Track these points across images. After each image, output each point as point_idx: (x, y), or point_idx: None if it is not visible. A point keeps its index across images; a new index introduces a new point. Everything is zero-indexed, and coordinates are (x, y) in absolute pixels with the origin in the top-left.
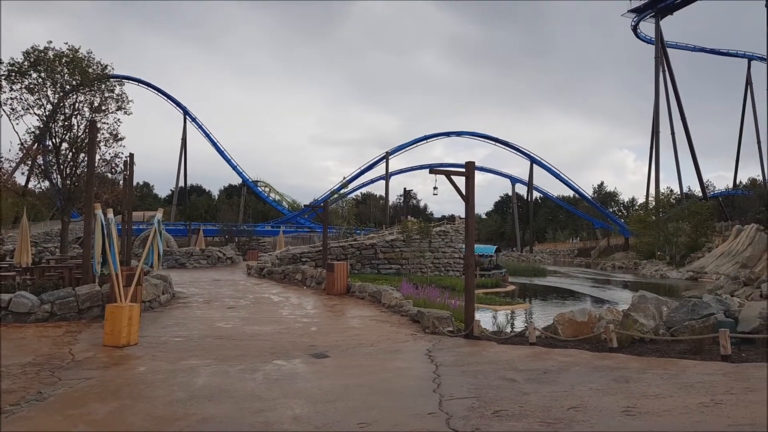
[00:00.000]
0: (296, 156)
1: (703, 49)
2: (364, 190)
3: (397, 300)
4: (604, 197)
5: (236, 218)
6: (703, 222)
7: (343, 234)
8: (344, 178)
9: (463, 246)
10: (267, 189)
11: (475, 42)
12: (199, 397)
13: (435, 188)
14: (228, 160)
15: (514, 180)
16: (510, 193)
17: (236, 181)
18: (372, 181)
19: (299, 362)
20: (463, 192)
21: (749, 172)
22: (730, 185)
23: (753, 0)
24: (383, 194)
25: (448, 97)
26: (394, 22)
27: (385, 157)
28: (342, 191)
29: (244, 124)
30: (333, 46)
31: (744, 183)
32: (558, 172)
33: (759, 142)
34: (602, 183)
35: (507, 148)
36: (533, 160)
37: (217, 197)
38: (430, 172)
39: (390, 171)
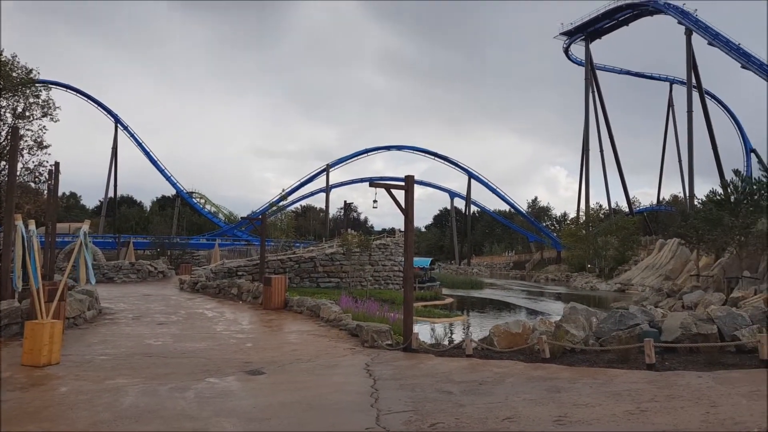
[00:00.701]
0: (234, 168)
1: (629, 72)
2: (304, 202)
3: (335, 314)
4: (538, 212)
5: (169, 231)
6: (630, 236)
7: (282, 247)
8: (283, 190)
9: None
10: (202, 200)
11: (413, 58)
12: (126, 417)
13: (375, 201)
14: (161, 171)
15: (452, 194)
16: (449, 207)
17: (170, 192)
18: (312, 194)
19: (233, 380)
20: (403, 205)
21: (671, 189)
22: (655, 201)
23: (680, 26)
24: (324, 207)
25: (389, 112)
26: (332, 36)
27: (326, 170)
28: (281, 203)
29: (180, 134)
30: (271, 58)
31: (667, 199)
32: (494, 187)
33: (680, 161)
34: (536, 198)
35: (446, 162)
36: (471, 175)
37: (149, 209)
38: (370, 185)
39: (330, 183)
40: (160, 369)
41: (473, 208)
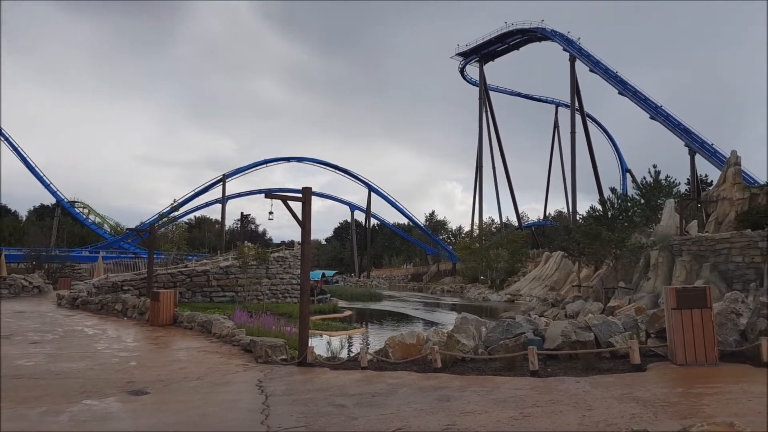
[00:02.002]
0: (122, 176)
1: (519, 94)
2: (198, 213)
3: (228, 329)
4: (436, 225)
5: (48, 242)
6: (519, 249)
7: (173, 260)
8: (174, 200)
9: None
10: (86, 210)
11: (314, 71)
12: None
13: (270, 213)
14: (40, 178)
15: (353, 207)
16: (349, 220)
17: (49, 200)
18: (207, 205)
19: (114, 401)
20: (300, 217)
21: (557, 204)
22: (542, 216)
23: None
24: (220, 218)
25: (289, 124)
26: (229, 45)
27: (222, 180)
28: (172, 214)
29: (63, 141)
30: (162, 63)
31: (552, 214)
32: (394, 201)
33: (564, 179)
34: (434, 212)
35: (347, 175)
36: (371, 189)
37: (25, 218)
38: (266, 197)
39: (227, 194)
40: (32, 391)
41: (373, 221)
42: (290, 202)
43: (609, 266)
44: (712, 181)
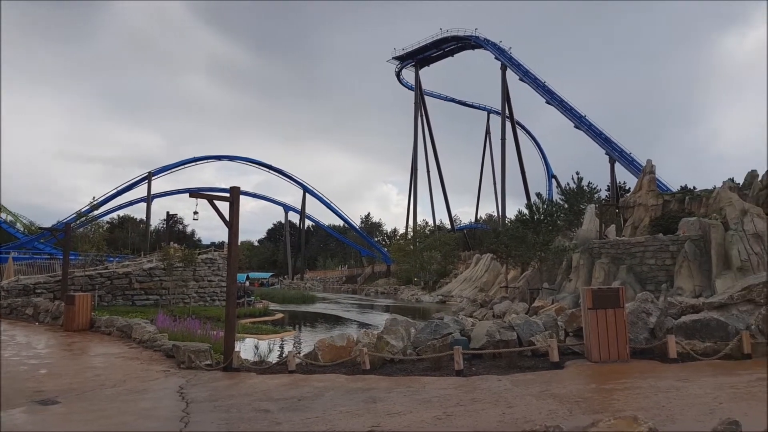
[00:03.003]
0: (38, 173)
1: (453, 100)
2: (122, 212)
3: (150, 334)
4: (371, 227)
5: None
6: (451, 251)
7: (92, 261)
8: (94, 198)
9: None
10: None
11: (249, 69)
12: None
13: (195, 213)
14: None
15: (287, 208)
16: (283, 221)
17: None
18: (132, 203)
19: (20, 412)
20: (227, 218)
21: (488, 208)
22: (473, 219)
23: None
24: (144, 218)
25: (221, 122)
26: (156, 39)
27: (148, 178)
28: (92, 213)
29: None
30: (83, 55)
31: (483, 218)
32: (329, 202)
33: (495, 184)
34: (369, 214)
35: (281, 175)
36: (306, 189)
37: None
38: (191, 196)
39: (153, 193)
40: None
41: (308, 223)
42: (217, 202)
43: (534, 268)
44: (629, 187)
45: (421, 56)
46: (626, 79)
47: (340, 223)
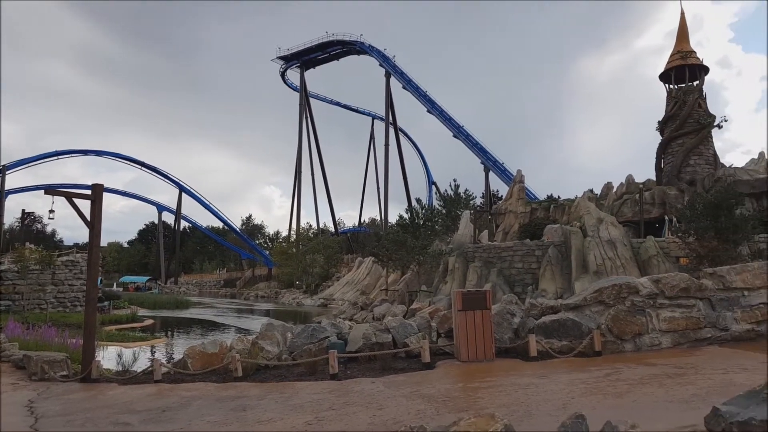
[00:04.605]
0: None
1: (338, 103)
2: None
3: None
4: (252, 229)
5: None
6: (334, 254)
7: None
8: None
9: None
10: None
11: (120, 61)
12: None
13: (51, 212)
14: None
15: (161, 208)
16: (156, 221)
17: None
18: None
19: None
20: (88, 218)
21: (371, 212)
22: (357, 223)
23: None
24: None
25: (89, 113)
26: (13, 21)
27: (2, 172)
28: None
29: None
30: None
31: (367, 222)
32: (207, 203)
33: (378, 188)
34: (251, 215)
35: (155, 173)
36: (182, 189)
37: None
38: (46, 193)
39: (7, 189)
40: None
41: (184, 224)
42: (77, 200)
43: (413, 271)
44: (502, 195)
45: (306, 58)
46: (501, 93)
47: (219, 224)
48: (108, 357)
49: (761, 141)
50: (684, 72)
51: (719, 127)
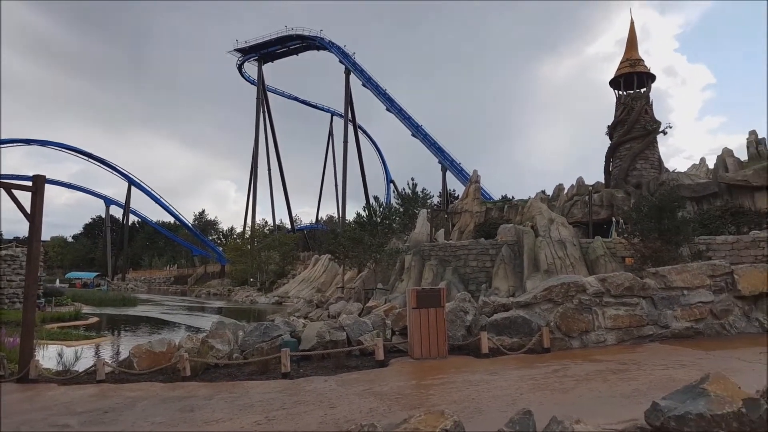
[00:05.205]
0: None
1: (296, 99)
2: None
3: None
4: (205, 225)
5: None
6: (290, 251)
7: None
8: None
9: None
10: None
11: (67, 47)
12: None
13: None
14: None
15: (109, 201)
16: (104, 215)
17: None
18: None
19: None
20: (28, 211)
21: (329, 209)
22: (314, 220)
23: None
24: None
25: (34, 102)
26: None
27: None
28: None
29: None
30: None
31: (324, 219)
32: (158, 197)
33: (336, 185)
34: (204, 211)
35: (102, 165)
36: (132, 182)
37: None
38: None
39: None
40: None
41: (133, 218)
42: (16, 192)
43: (370, 269)
44: (458, 195)
45: (264, 51)
46: (460, 94)
47: (170, 219)
48: (48, 356)
49: (702, 147)
50: (632, 79)
51: (664, 133)
